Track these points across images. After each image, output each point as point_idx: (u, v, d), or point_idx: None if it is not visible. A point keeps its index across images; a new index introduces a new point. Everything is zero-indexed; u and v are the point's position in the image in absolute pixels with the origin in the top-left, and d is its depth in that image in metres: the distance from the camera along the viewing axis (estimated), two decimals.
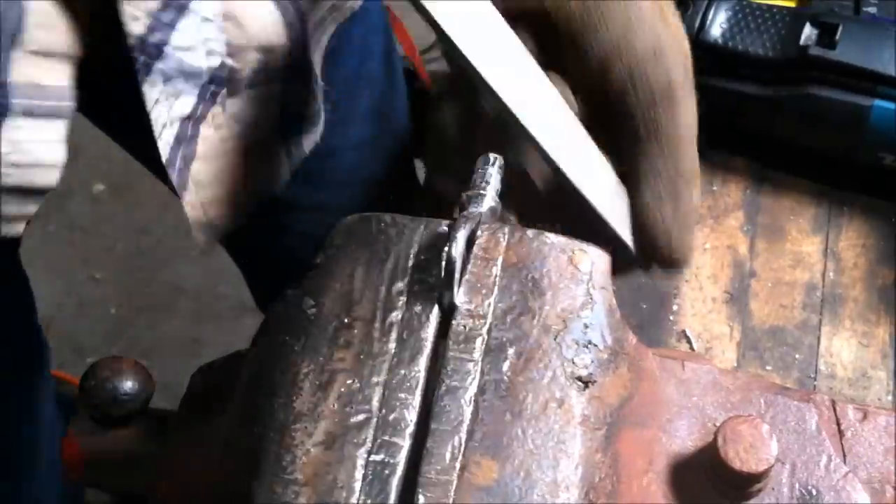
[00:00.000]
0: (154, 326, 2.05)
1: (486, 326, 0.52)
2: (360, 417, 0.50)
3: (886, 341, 0.77)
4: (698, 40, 0.84)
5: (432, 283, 0.52)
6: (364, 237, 0.55)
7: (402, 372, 0.51)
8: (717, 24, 0.84)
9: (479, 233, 0.54)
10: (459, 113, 0.66)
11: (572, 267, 0.54)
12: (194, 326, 2.03)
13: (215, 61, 0.67)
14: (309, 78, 0.77)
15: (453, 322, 0.52)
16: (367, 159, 1.08)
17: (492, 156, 0.58)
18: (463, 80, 0.59)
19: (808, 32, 0.82)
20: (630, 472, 0.53)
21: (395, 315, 0.52)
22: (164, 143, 0.66)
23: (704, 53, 0.84)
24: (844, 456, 0.56)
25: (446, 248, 0.51)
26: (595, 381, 0.52)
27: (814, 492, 0.54)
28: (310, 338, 0.52)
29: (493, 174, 0.57)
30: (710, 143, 0.88)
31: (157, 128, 0.65)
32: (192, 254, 2.09)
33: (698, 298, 0.80)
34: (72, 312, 2.08)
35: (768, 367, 0.76)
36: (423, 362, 0.51)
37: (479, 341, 0.51)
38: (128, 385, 0.63)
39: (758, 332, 0.78)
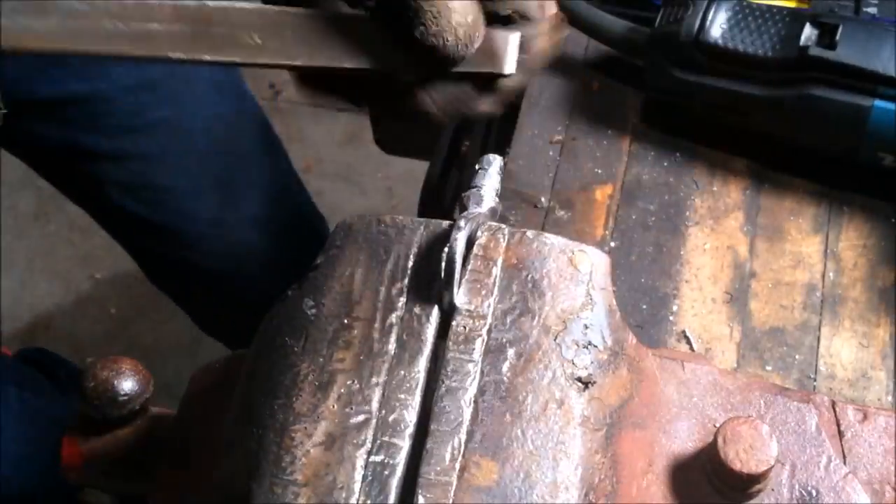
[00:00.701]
0: (154, 326, 2.05)
1: (486, 327, 0.52)
2: (360, 418, 0.50)
3: (886, 342, 0.77)
4: (698, 40, 0.84)
5: (432, 283, 0.52)
6: (364, 238, 0.55)
7: (402, 373, 0.51)
8: (717, 25, 0.84)
9: (479, 233, 0.54)
10: None
11: (572, 268, 0.54)
12: (194, 326, 2.03)
13: None
14: None
15: (453, 323, 0.52)
16: (149, 103, 1.11)
17: (492, 156, 0.58)
18: None
19: (808, 32, 0.82)
20: (630, 473, 0.53)
21: (395, 316, 0.52)
22: None
23: (704, 53, 0.84)
24: (844, 457, 0.56)
25: (446, 249, 0.51)
26: (595, 382, 0.52)
27: (814, 492, 0.54)
28: (310, 338, 0.52)
29: (493, 174, 0.58)
30: (710, 144, 0.88)
31: None
32: None
33: (698, 299, 0.79)
34: (72, 312, 2.08)
35: (768, 368, 0.76)
36: (422, 363, 0.51)
37: (478, 342, 0.51)
38: (127, 385, 0.63)
39: (758, 333, 0.78)
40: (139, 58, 0.63)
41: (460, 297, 0.52)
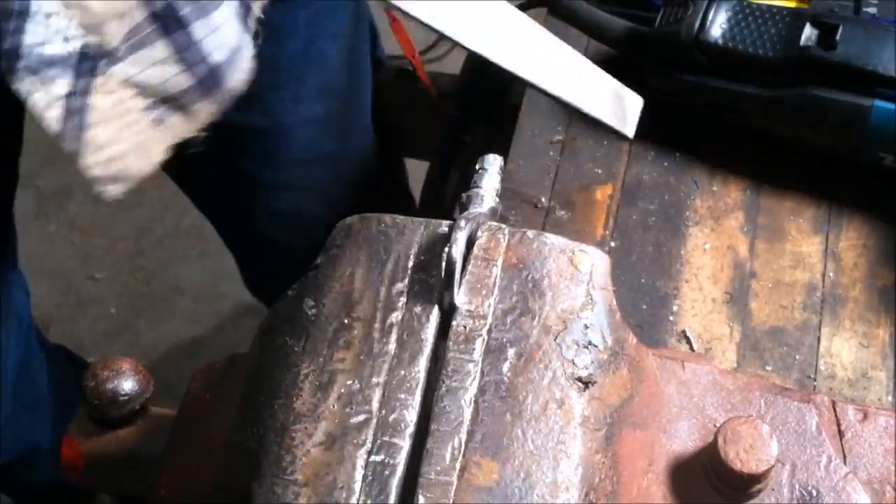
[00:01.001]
0: (154, 326, 2.05)
1: (487, 327, 0.52)
2: (360, 418, 0.50)
3: (886, 342, 0.77)
4: (698, 40, 0.84)
5: (432, 283, 0.52)
6: (364, 238, 0.55)
7: (402, 372, 0.51)
8: (718, 25, 0.84)
9: (479, 233, 0.54)
10: None
11: (572, 268, 0.54)
12: (194, 326, 2.03)
13: (76, 44, 0.72)
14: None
15: (453, 323, 0.52)
16: (321, 137, 1.10)
17: (492, 156, 0.57)
18: None
19: (808, 33, 0.82)
20: (630, 473, 0.53)
21: (396, 316, 0.52)
22: (50, 120, 0.72)
23: (704, 53, 0.84)
24: (844, 456, 0.56)
25: (446, 249, 0.51)
26: (595, 382, 0.52)
27: (814, 492, 0.54)
28: (310, 338, 0.52)
29: (493, 174, 0.57)
30: (710, 143, 0.88)
31: (38, 112, 0.71)
32: (191, 254, 2.09)
33: (698, 299, 0.79)
34: (72, 312, 2.08)
35: (768, 368, 0.76)
36: (423, 363, 0.51)
37: (479, 342, 0.51)
38: (127, 385, 0.63)
39: (758, 333, 0.78)
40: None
41: (460, 297, 0.52)
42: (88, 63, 0.73)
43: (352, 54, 1.08)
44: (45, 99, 0.72)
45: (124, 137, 0.78)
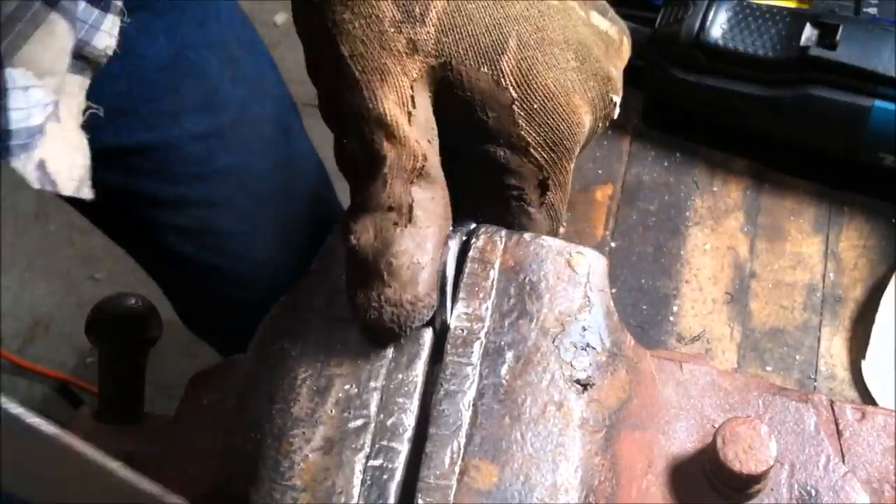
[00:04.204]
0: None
1: (484, 330, 0.52)
2: (359, 422, 0.50)
3: None
4: (698, 40, 0.84)
5: None
6: None
7: (400, 376, 0.51)
8: (718, 25, 0.84)
9: (476, 237, 0.54)
10: None
11: (570, 270, 0.54)
12: None
13: (51, 108, 0.74)
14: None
15: (451, 326, 0.52)
16: (215, 151, 1.09)
17: None
18: None
19: (808, 33, 0.82)
20: (629, 475, 0.53)
21: None
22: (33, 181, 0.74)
23: (704, 53, 0.84)
24: (843, 456, 0.56)
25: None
26: (593, 384, 0.52)
27: (813, 492, 0.54)
28: (307, 343, 0.52)
29: None
30: (710, 144, 0.88)
31: (32, 179, 0.73)
32: None
33: (698, 299, 0.79)
34: (72, 312, 2.08)
35: (769, 368, 0.76)
36: (420, 367, 0.51)
37: (476, 345, 0.51)
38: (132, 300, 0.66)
39: (758, 333, 0.78)
40: None
41: (459, 307, 0.52)
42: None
43: (237, 66, 1.07)
44: (38, 173, 0.73)
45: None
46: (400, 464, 0.49)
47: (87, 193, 0.79)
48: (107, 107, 0.83)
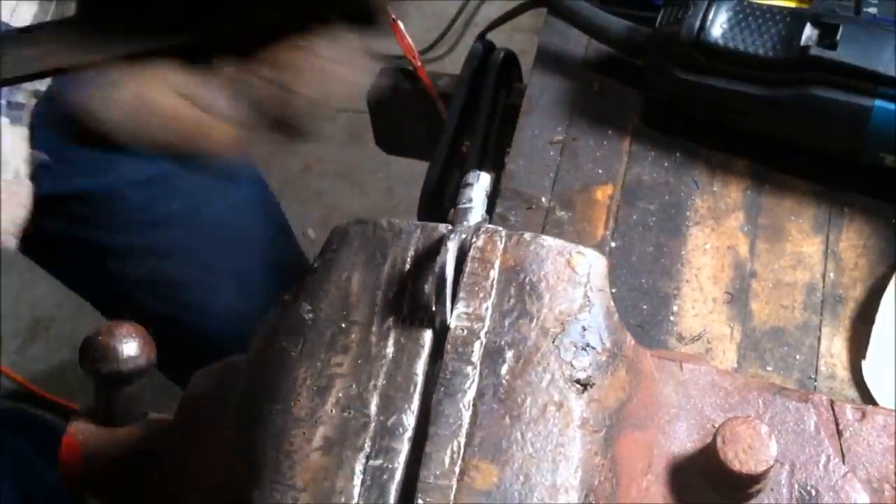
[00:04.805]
0: None
1: (484, 330, 0.52)
2: (359, 422, 0.50)
3: None
4: (698, 40, 0.84)
5: (428, 287, 0.52)
6: (360, 241, 0.55)
7: (400, 376, 0.51)
8: (718, 25, 0.84)
9: (475, 238, 0.54)
10: None
11: (570, 269, 0.54)
12: None
13: None
14: None
15: (451, 326, 0.52)
16: (160, 196, 1.07)
17: (478, 172, 0.58)
18: None
19: (808, 33, 0.82)
20: (629, 474, 0.53)
21: (393, 319, 0.52)
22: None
23: (704, 53, 0.84)
24: (843, 455, 0.56)
25: (437, 269, 0.51)
26: (593, 384, 0.52)
27: (813, 492, 0.54)
28: (307, 343, 0.52)
29: (479, 190, 0.58)
30: (710, 144, 0.88)
31: None
32: None
33: (699, 299, 0.79)
34: (72, 312, 2.08)
35: (769, 368, 0.76)
36: (420, 366, 0.51)
37: (476, 345, 0.51)
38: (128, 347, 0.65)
39: (758, 333, 0.78)
40: None
41: (459, 306, 0.52)
42: None
43: None
44: None
45: None
46: (400, 464, 0.49)
47: (10, 242, 0.79)
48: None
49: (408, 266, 0.54)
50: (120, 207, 1.07)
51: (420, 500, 0.47)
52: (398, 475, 0.49)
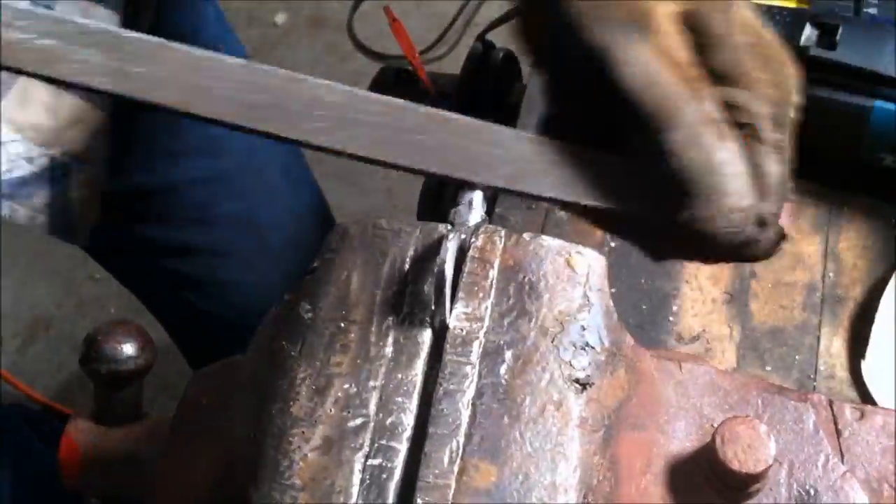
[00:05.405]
0: (154, 326, 2.04)
1: (483, 329, 0.52)
2: (358, 422, 0.50)
3: None
4: None
5: (428, 287, 0.52)
6: (360, 241, 0.55)
7: (399, 376, 0.51)
8: None
9: (474, 237, 0.54)
10: None
11: (569, 269, 0.54)
12: None
13: (42, 161, 0.76)
14: None
15: (450, 326, 0.52)
16: (217, 196, 1.07)
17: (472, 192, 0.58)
18: None
19: (808, 33, 0.82)
20: (628, 474, 0.53)
21: (392, 319, 0.52)
22: (39, 228, 0.78)
23: None
24: (842, 455, 0.56)
25: (435, 270, 0.51)
26: (592, 384, 0.52)
27: (812, 492, 0.54)
28: (306, 342, 0.52)
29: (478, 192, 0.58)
30: None
31: (22, 223, 0.76)
32: None
33: (698, 299, 0.79)
34: (72, 312, 2.08)
35: (768, 368, 0.76)
36: (420, 366, 0.51)
37: (476, 344, 0.51)
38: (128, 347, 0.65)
39: (758, 333, 0.78)
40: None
41: (458, 306, 0.52)
42: (59, 169, 0.77)
43: None
44: (28, 214, 0.76)
45: None
46: (399, 463, 0.49)
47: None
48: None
49: (407, 266, 0.54)
50: (177, 203, 1.07)
51: (419, 500, 0.47)
52: (397, 474, 0.49)
